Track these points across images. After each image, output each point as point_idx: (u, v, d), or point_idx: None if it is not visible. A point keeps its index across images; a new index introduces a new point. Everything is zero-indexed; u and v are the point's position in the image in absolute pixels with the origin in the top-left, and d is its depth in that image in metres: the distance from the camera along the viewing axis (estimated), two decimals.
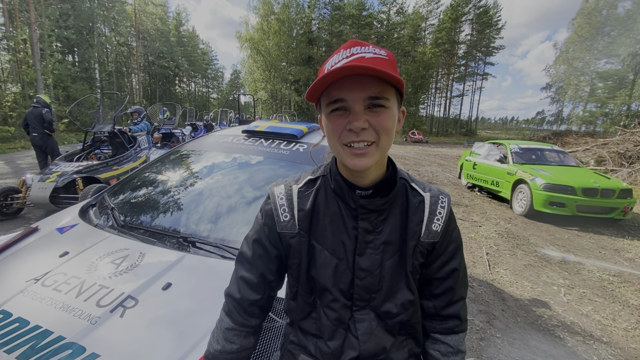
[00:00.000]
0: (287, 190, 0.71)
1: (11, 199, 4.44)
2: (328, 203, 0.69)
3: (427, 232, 0.68)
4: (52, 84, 20.39)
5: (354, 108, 0.55)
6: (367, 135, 0.56)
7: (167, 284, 1.08)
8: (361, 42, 0.57)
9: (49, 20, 20.21)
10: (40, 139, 6.31)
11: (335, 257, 0.67)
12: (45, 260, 1.23)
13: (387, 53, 0.57)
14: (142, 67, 38.36)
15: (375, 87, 0.55)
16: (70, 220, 1.54)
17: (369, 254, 0.67)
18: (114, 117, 5.95)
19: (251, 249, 0.72)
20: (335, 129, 0.58)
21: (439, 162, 14.88)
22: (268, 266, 0.71)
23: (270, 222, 0.70)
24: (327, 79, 0.54)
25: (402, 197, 0.69)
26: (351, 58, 0.54)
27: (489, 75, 49.90)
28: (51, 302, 1.00)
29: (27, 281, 1.10)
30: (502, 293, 3.18)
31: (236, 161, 1.89)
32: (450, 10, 43.64)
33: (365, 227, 0.66)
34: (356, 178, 0.65)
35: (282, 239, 0.70)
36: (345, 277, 0.67)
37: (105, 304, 0.99)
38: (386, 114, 0.57)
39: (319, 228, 0.68)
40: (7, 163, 9.62)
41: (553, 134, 21.59)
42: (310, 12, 42.80)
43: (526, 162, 6.70)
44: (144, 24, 36.87)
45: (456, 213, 5.92)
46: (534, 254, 4.24)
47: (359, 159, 0.57)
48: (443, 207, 0.70)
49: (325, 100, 0.58)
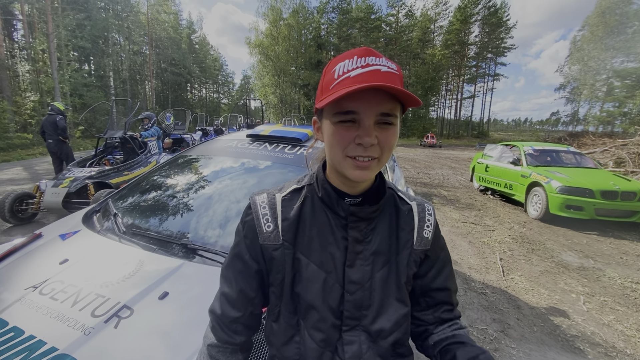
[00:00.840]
0: (270, 198, 0.67)
1: (26, 204, 4.54)
2: (315, 213, 0.65)
3: (419, 240, 0.67)
4: (69, 92, 21.01)
5: (365, 123, 0.53)
6: (373, 150, 0.55)
7: (164, 293, 1.05)
8: (375, 52, 0.55)
9: (65, 30, 20.89)
10: (55, 145, 6.47)
11: (324, 270, 0.63)
12: (45, 267, 1.22)
13: (397, 67, 0.56)
14: (155, 74, 39.22)
15: (388, 104, 0.54)
16: (73, 226, 1.53)
17: (359, 265, 0.63)
18: (125, 123, 6.06)
19: (231, 264, 0.69)
20: (342, 141, 0.55)
21: (450, 164, 14.65)
22: (248, 282, 0.67)
23: (251, 234, 0.66)
24: (347, 93, 0.50)
25: (390, 206, 0.68)
26: (367, 69, 0.52)
27: (501, 76, 49.05)
28: (47, 311, 0.98)
29: (25, 289, 1.09)
30: (517, 301, 3.06)
31: (240, 166, 1.86)
32: (458, 12, 43.24)
33: (355, 237, 0.63)
34: (348, 187, 0.63)
35: (264, 251, 0.65)
36: (334, 292, 0.63)
37: (100, 314, 0.96)
38: (393, 131, 0.56)
39: (305, 239, 0.64)
40: (26, 169, 9.91)
41: (569, 134, 21.01)
42: (319, 17, 43.07)
43: (541, 164, 6.51)
44: (156, 32, 37.74)
45: (468, 217, 5.86)
46: (550, 260, 4.09)
47: (362, 171, 0.56)
48: (430, 214, 0.71)
49: (334, 108, 0.55)
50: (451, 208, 6.52)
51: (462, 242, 4.56)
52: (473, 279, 3.46)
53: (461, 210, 6.40)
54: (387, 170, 2.92)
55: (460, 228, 5.22)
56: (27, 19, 19.27)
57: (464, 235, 4.86)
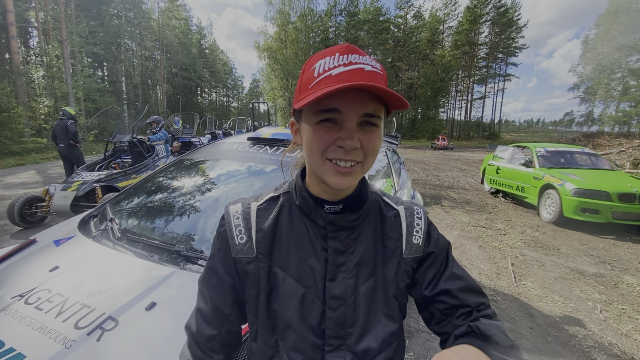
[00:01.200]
0: (244, 208, 0.62)
1: (35, 207, 4.61)
2: (293, 222, 0.60)
3: (408, 247, 0.61)
4: (82, 97, 21.49)
5: (347, 124, 0.49)
6: (355, 154, 0.51)
7: (152, 303, 1.00)
8: (358, 49, 0.51)
9: (79, 37, 21.40)
10: (66, 149, 6.58)
11: (302, 285, 0.57)
12: (34, 274, 1.19)
13: (381, 67, 0.52)
14: (166, 79, 39.86)
15: (372, 104, 0.49)
16: (68, 232, 1.51)
17: (342, 278, 0.57)
18: (133, 127, 6.12)
19: (205, 278, 0.64)
20: (322, 142, 0.50)
21: (460, 166, 14.42)
22: (223, 298, 0.62)
23: (224, 246, 0.61)
24: (328, 93, 0.45)
25: (375, 213, 0.63)
26: (350, 67, 0.48)
27: (512, 76, 48.32)
28: (30, 322, 0.95)
29: (12, 297, 1.06)
30: (530, 309, 2.93)
31: (238, 170, 1.82)
32: (467, 12, 42.79)
33: (335, 247, 0.57)
34: (328, 194, 0.58)
35: (237, 265, 0.60)
36: (314, 308, 0.57)
37: (84, 326, 0.92)
38: (377, 134, 0.52)
39: (282, 251, 0.59)
40: (39, 172, 10.12)
41: (583, 135, 20.52)
42: (327, 20, 43.22)
43: (554, 166, 6.32)
44: (167, 38, 38.39)
45: (478, 220, 5.71)
46: (565, 266, 3.93)
47: (343, 178, 0.51)
48: (420, 218, 0.64)
49: (314, 108, 0.50)
50: (461, 211, 6.37)
51: (472, 247, 4.43)
52: (483, 284, 3.34)
53: (471, 213, 6.25)
54: (393, 174, 2.85)
55: (470, 232, 5.09)
56: (42, 27, 19.80)
57: (474, 240, 4.73)
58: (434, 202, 7.08)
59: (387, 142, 3.25)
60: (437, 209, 6.47)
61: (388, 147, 3.17)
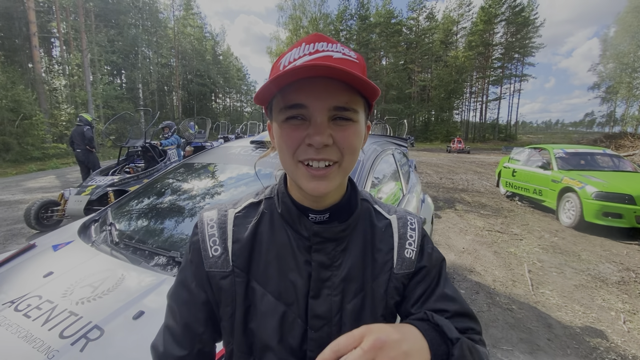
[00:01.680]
0: (220, 216, 0.56)
1: (51, 211, 4.73)
2: (274, 232, 0.54)
3: (400, 262, 0.55)
4: (101, 104, 22.19)
5: (316, 119, 0.44)
6: (329, 153, 0.45)
7: (139, 312, 0.97)
8: (328, 37, 0.46)
9: (98, 46, 22.16)
10: (82, 154, 6.77)
11: (283, 302, 0.51)
12: (28, 280, 1.18)
13: (357, 56, 0.47)
14: (182, 85, 40.79)
15: (343, 96, 0.44)
16: (68, 237, 1.51)
17: (326, 295, 0.52)
18: (145, 132, 6.23)
19: (175, 292, 0.57)
20: (291, 143, 0.46)
21: (475, 169, 14.08)
22: (194, 315, 0.55)
23: (196, 258, 0.55)
24: (285, 79, 0.42)
25: (364, 222, 0.57)
26: (315, 55, 0.44)
27: (529, 76, 47.03)
28: (17, 329, 0.93)
29: (3, 304, 1.05)
30: (548, 318, 2.78)
31: (238, 174, 1.79)
32: (482, 13, 42.07)
33: (320, 261, 0.52)
34: (311, 201, 0.52)
35: (210, 280, 0.53)
36: (295, 328, 0.51)
37: (69, 335, 0.90)
38: (353, 129, 0.46)
39: (261, 265, 0.53)
40: (58, 177, 10.46)
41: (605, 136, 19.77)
42: (338, 24, 43.38)
43: (574, 168, 6.06)
44: (182, 45, 39.34)
45: (493, 225, 5.52)
46: (586, 273, 3.73)
47: (318, 182, 0.46)
48: (413, 229, 0.58)
49: (279, 104, 0.46)
50: (475, 215, 6.19)
51: (486, 252, 4.28)
52: (498, 292, 3.20)
53: (486, 217, 6.06)
54: (401, 177, 2.77)
55: (485, 237, 4.92)
56: (63, 37, 20.62)
57: (488, 245, 4.57)
58: (447, 206, 6.91)
59: (395, 145, 3.17)
60: (451, 213, 6.30)
61: (397, 149, 3.09)
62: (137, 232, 1.52)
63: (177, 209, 1.64)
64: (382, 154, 2.24)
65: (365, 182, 1.67)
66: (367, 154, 1.90)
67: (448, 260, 3.96)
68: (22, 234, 4.58)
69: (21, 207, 6.04)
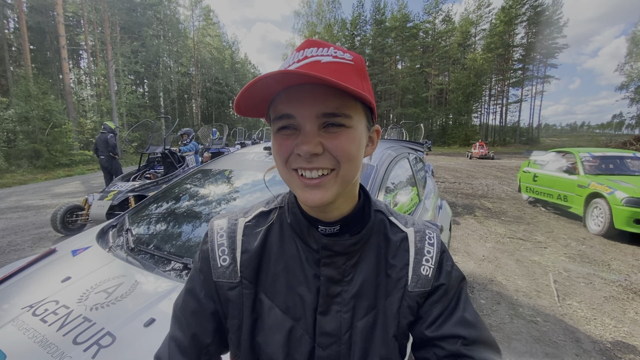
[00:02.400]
0: (230, 225, 0.55)
1: (76, 215, 4.91)
2: (284, 243, 0.52)
3: (415, 279, 0.51)
4: (125, 113, 23.09)
5: (304, 127, 0.43)
6: (321, 161, 0.43)
7: (151, 319, 0.97)
8: (320, 42, 0.44)
9: (123, 57, 23.13)
10: (106, 161, 7.04)
11: (290, 317, 0.50)
12: (47, 285, 1.22)
13: (353, 57, 0.45)
14: (200, 93, 41.90)
15: (332, 102, 0.42)
16: (86, 242, 1.55)
17: (335, 312, 0.49)
18: (164, 139, 6.41)
19: (183, 302, 0.56)
20: (282, 152, 0.45)
21: (496, 174, 13.67)
22: (203, 325, 0.53)
23: (205, 267, 0.54)
24: (256, 90, 0.41)
25: (378, 235, 0.54)
26: (303, 62, 0.42)
27: (552, 78, 45.51)
28: (33, 334, 0.95)
29: (22, 308, 1.08)
30: (576, 332, 2.63)
31: (251, 180, 1.80)
32: (502, 13, 41.14)
33: (329, 275, 0.49)
34: (318, 211, 0.50)
35: (218, 290, 0.52)
36: (303, 345, 0.49)
37: (82, 341, 0.91)
38: (346, 136, 0.44)
39: (269, 276, 0.51)
40: (83, 182, 10.90)
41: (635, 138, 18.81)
42: (352, 29, 43.53)
43: (601, 173, 5.77)
44: (202, 54, 40.48)
45: (515, 232, 5.32)
46: (617, 284, 3.52)
47: (313, 192, 0.44)
48: (432, 244, 0.54)
49: (272, 114, 0.45)
50: (496, 222, 5.98)
51: (508, 261, 4.11)
52: (521, 303, 3.06)
53: (507, 224, 5.85)
54: (417, 183, 2.71)
55: (507, 244, 4.74)
56: (90, 49, 21.66)
57: (510, 253, 4.39)
58: (467, 212, 6.72)
59: (411, 149, 3.11)
60: (470, 219, 6.12)
61: (412, 154, 3.03)
62: (152, 238, 1.54)
63: (191, 214, 1.66)
64: (396, 159, 2.20)
65: (379, 188, 1.63)
66: (381, 160, 1.86)
67: (467, 268, 3.83)
68: (49, 238, 4.77)
69: (48, 212, 6.31)
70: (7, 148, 13.53)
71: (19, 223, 5.54)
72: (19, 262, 1.46)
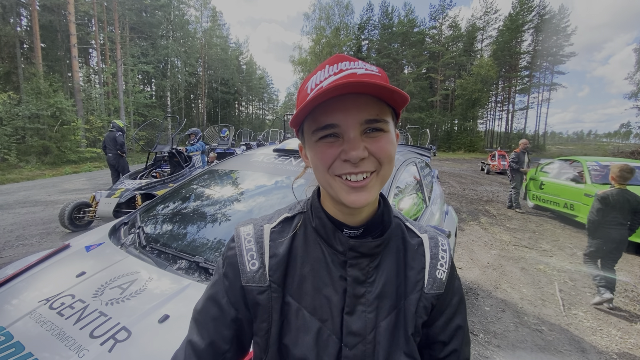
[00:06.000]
0: (256, 230, 0.57)
1: (83, 212, 4.97)
2: (308, 247, 0.54)
3: (431, 282, 0.56)
4: (132, 111, 23.29)
5: (349, 135, 0.46)
6: (366, 165, 0.46)
7: (165, 316, 0.99)
8: (347, 57, 0.47)
9: (132, 57, 23.39)
10: (114, 159, 7.11)
11: (317, 318, 0.51)
12: (62, 279, 1.24)
13: (378, 70, 0.48)
14: (207, 93, 42.19)
15: (373, 109, 0.46)
16: (99, 238, 1.58)
17: (361, 312, 0.51)
18: (172, 138, 6.47)
19: (204, 307, 0.56)
20: (325, 160, 0.47)
21: (501, 180, 13.59)
22: (221, 332, 0.54)
23: (232, 273, 0.55)
24: (314, 102, 0.43)
25: (397, 240, 0.57)
26: (340, 75, 0.45)
27: (559, 85, 45.20)
28: (51, 327, 0.98)
29: (39, 301, 1.11)
30: (582, 342, 2.61)
31: (261, 182, 1.82)
32: (508, 20, 41.04)
33: (355, 276, 0.51)
34: (347, 216, 0.52)
35: (247, 295, 0.53)
36: (330, 345, 0.51)
37: (98, 335, 0.93)
38: (386, 139, 0.48)
39: (295, 280, 0.53)
40: (90, 179, 11.01)
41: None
42: (359, 34, 43.65)
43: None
44: (209, 55, 40.79)
45: (520, 239, 5.28)
46: (623, 294, 3.49)
47: (359, 193, 0.47)
48: (445, 250, 0.59)
49: (311, 126, 0.47)
50: (501, 229, 5.95)
51: (512, 268, 4.09)
52: (526, 311, 3.05)
53: (512, 231, 5.81)
54: (424, 188, 2.71)
55: (511, 252, 4.71)
56: (100, 48, 21.93)
57: (515, 261, 4.37)
58: (471, 218, 6.69)
59: (418, 155, 3.11)
60: (475, 226, 6.10)
61: (419, 159, 3.04)
62: (163, 236, 1.57)
63: (201, 214, 1.68)
64: (404, 164, 2.21)
65: (388, 193, 1.64)
66: None
67: (472, 275, 3.81)
68: (56, 233, 4.83)
69: (56, 207, 6.39)
70: (17, 144, 13.70)
71: (27, 218, 5.61)
72: (33, 257, 1.49)
